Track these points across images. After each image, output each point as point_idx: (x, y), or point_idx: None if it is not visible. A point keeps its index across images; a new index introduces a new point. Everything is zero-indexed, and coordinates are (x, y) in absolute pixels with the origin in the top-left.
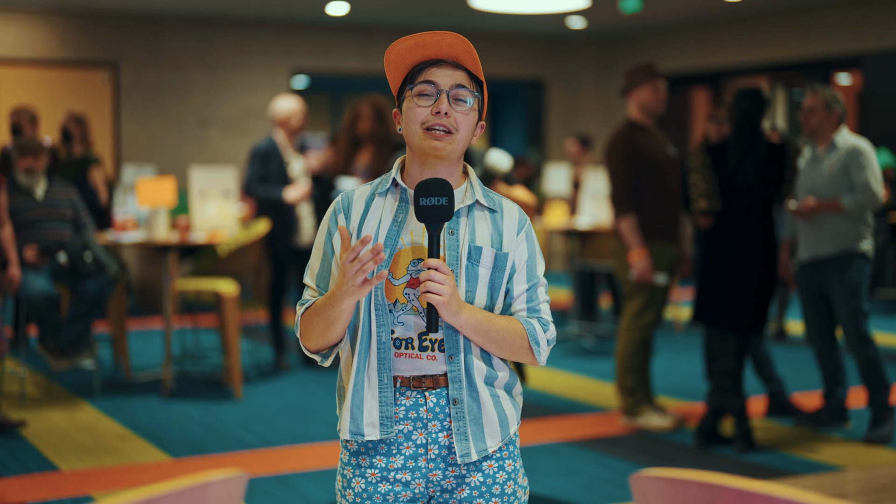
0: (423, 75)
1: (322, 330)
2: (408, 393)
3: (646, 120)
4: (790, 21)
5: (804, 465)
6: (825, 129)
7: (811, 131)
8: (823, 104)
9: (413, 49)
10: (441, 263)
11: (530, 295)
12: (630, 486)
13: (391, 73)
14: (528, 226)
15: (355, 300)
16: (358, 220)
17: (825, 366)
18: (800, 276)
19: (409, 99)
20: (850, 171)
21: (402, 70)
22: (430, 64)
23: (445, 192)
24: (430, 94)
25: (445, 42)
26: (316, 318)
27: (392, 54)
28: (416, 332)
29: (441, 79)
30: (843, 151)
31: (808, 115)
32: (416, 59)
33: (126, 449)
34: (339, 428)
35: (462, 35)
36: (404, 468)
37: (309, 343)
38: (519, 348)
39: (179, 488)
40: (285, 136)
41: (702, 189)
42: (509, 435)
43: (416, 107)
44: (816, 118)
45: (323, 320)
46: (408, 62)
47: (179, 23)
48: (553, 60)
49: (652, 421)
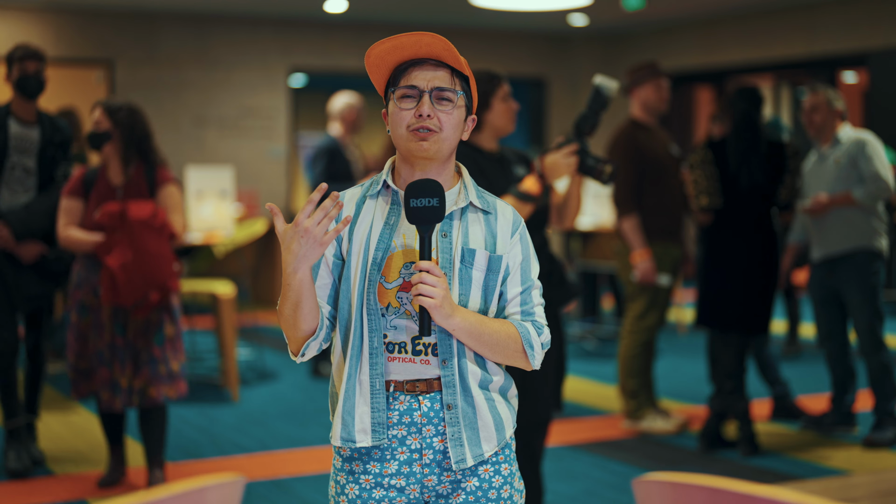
0: (405, 78)
1: (292, 319)
2: (401, 397)
3: (649, 119)
4: (795, 18)
5: (809, 469)
6: (829, 127)
7: (816, 130)
8: (826, 102)
9: (392, 51)
10: (433, 266)
11: (524, 298)
12: (633, 490)
13: (374, 75)
14: (523, 227)
15: (311, 262)
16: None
17: (835, 371)
18: (812, 277)
19: (393, 102)
20: (858, 162)
21: (384, 72)
22: (411, 65)
23: (436, 192)
24: (413, 97)
25: (423, 42)
26: (283, 308)
27: (371, 57)
28: (408, 337)
29: (422, 81)
30: (848, 144)
31: (811, 115)
32: (396, 60)
33: None
34: (330, 434)
35: (462, 31)
36: (399, 473)
37: (291, 344)
38: (513, 352)
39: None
40: (344, 132)
41: (703, 186)
42: (505, 438)
43: (400, 110)
44: (821, 116)
45: (289, 306)
46: (388, 64)
47: (175, 20)
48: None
49: (655, 424)
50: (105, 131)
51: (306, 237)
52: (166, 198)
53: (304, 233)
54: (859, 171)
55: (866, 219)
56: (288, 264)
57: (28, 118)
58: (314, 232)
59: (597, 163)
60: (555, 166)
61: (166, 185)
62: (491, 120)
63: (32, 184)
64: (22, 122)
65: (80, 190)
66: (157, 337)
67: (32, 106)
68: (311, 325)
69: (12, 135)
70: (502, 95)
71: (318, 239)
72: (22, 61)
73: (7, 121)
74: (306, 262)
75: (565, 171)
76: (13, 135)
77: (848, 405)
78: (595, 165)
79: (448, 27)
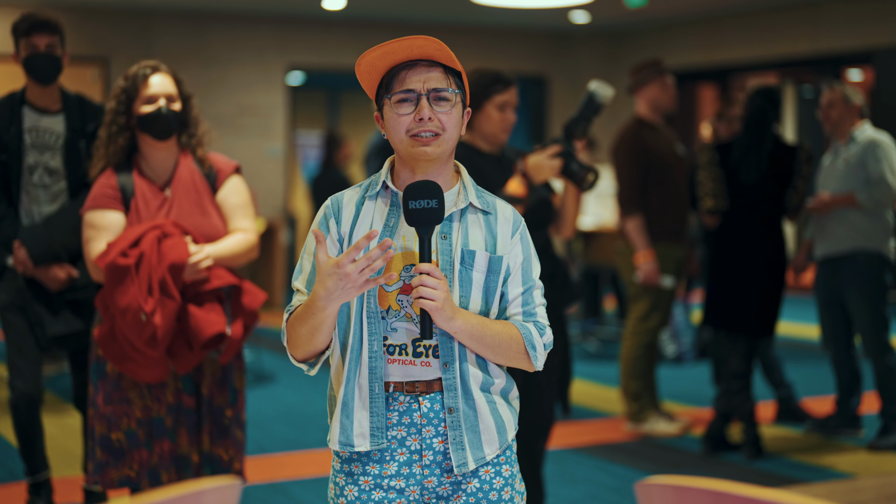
0: (399, 82)
1: (307, 338)
2: (400, 398)
3: (654, 118)
4: (799, 15)
5: (814, 472)
6: (846, 124)
7: (832, 126)
8: (842, 98)
9: (383, 57)
10: (433, 268)
11: (526, 298)
12: (635, 494)
13: (365, 81)
14: (523, 227)
15: (343, 302)
16: (349, 224)
17: (840, 373)
18: (817, 278)
19: (388, 108)
20: (867, 163)
21: (375, 77)
22: (403, 67)
23: (435, 194)
24: (410, 101)
25: (416, 45)
26: (299, 326)
27: (362, 66)
28: (409, 339)
29: (417, 83)
30: (861, 145)
31: (827, 111)
32: (387, 64)
33: None
34: (328, 438)
35: (462, 29)
36: (398, 475)
37: (296, 352)
38: (515, 353)
39: (172, 496)
40: None
41: (708, 188)
42: (507, 441)
43: (398, 116)
44: (837, 112)
45: (307, 328)
46: (379, 69)
47: (172, 17)
48: (556, 56)
49: (658, 427)
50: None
51: (345, 280)
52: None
53: (345, 277)
54: (867, 173)
55: (869, 220)
56: (320, 298)
57: (48, 105)
58: (354, 278)
59: (580, 168)
60: (538, 167)
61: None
62: (479, 124)
63: (61, 188)
64: (40, 110)
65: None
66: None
67: (52, 91)
68: (326, 343)
69: (27, 128)
70: (499, 103)
71: (356, 285)
72: (29, 35)
73: (21, 111)
74: (338, 302)
75: (549, 172)
76: (29, 127)
77: (853, 408)
78: (578, 171)
79: (448, 25)
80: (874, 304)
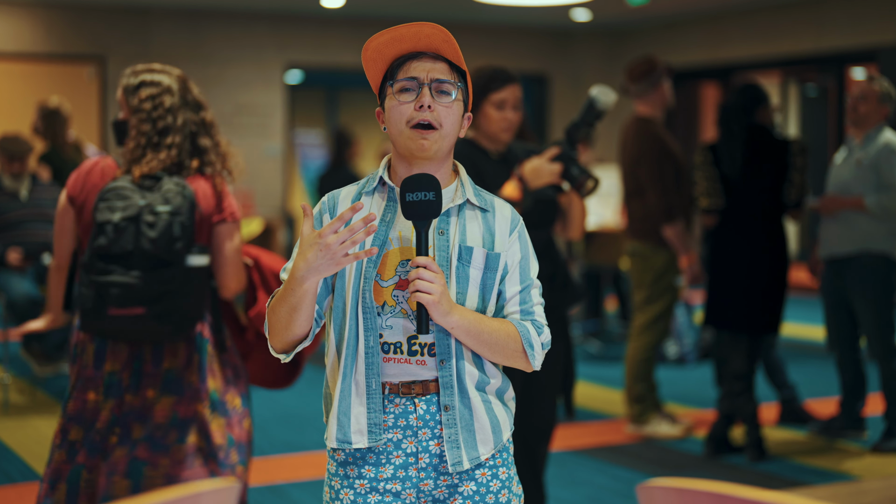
0: (404, 70)
1: (286, 320)
2: (396, 400)
3: (659, 117)
4: (802, 13)
5: (818, 474)
6: (870, 121)
7: (856, 119)
8: (878, 95)
9: (391, 43)
10: (430, 261)
11: (523, 297)
12: (637, 496)
13: (370, 70)
14: (521, 225)
15: (322, 276)
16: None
17: (845, 376)
18: (823, 280)
19: (391, 97)
20: (881, 168)
21: (381, 66)
22: (409, 58)
23: (432, 186)
24: (412, 89)
25: (423, 33)
26: (278, 307)
27: (370, 51)
28: (405, 336)
29: (421, 72)
30: (877, 147)
31: (857, 102)
32: (394, 53)
33: None
34: (325, 436)
35: (463, 27)
36: (394, 478)
37: (275, 340)
38: (512, 351)
39: (169, 499)
40: None
41: (703, 187)
42: (502, 442)
43: (399, 104)
44: (866, 107)
45: (286, 307)
46: (386, 57)
47: (169, 15)
48: (557, 54)
49: (660, 429)
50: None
51: (325, 252)
52: None
53: (325, 247)
54: (879, 177)
55: (876, 222)
56: (298, 270)
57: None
58: (335, 249)
59: (580, 174)
60: (537, 171)
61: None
62: (480, 124)
63: None
64: None
65: None
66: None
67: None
68: (305, 329)
69: None
70: (496, 101)
71: (335, 258)
72: None
73: None
74: (316, 275)
75: (548, 177)
76: None
77: (857, 409)
78: (578, 176)
79: (448, 23)
80: (880, 307)
